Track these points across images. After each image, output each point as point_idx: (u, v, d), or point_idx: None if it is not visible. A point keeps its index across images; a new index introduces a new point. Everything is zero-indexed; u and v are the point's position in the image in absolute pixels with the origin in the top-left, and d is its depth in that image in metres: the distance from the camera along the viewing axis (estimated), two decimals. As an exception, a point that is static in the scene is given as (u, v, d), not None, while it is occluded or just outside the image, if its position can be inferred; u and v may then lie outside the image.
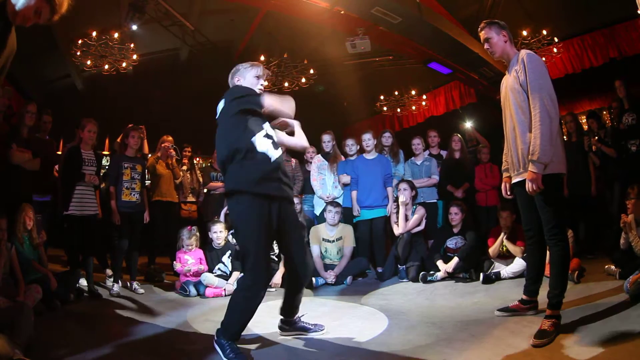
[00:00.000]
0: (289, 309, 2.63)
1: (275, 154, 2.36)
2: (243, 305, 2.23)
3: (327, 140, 5.19)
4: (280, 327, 2.69)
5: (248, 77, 2.54)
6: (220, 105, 2.46)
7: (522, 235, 3.90)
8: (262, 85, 2.56)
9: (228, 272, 4.20)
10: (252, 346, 2.46)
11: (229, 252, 4.26)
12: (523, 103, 2.50)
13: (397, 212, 4.58)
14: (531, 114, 2.43)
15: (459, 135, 5.48)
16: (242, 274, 4.03)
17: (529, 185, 2.41)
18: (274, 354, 2.34)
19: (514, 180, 2.66)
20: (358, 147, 5.16)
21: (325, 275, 4.40)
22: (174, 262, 4.24)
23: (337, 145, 5.28)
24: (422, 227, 4.60)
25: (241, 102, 2.38)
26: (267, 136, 2.39)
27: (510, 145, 2.65)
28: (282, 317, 2.67)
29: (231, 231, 4.57)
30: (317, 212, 5.18)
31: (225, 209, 4.56)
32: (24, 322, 2.28)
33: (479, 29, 2.72)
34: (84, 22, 5.99)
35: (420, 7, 5.24)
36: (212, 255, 4.29)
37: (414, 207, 4.60)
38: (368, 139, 4.90)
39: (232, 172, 2.32)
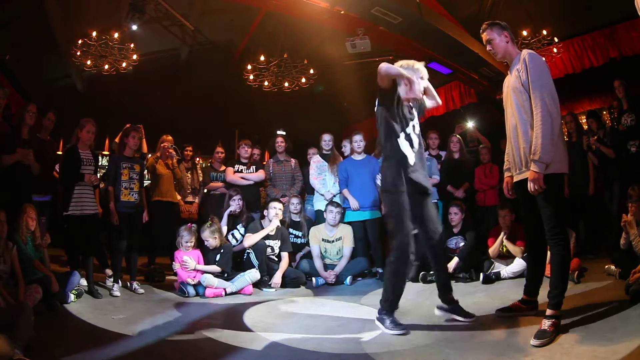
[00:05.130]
0: (443, 289, 2.85)
1: (411, 154, 2.73)
2: (393, 279, 2.67)
3: (328, 140, 5.22)
4: (438, 307, 2.85)
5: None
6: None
7: (522, 235, 3.90)
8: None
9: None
10: (252, 346, 2.46)
11: (222, 250, 4.20)
12: (525, 103, 2.50)
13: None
14: (533, 114, 2.44)
15: (457, 135, 5.48)
16: (241, 275, 4.07)
17: (530, 185, 2.41)
18: (274, 354, 2.34)
19: (516, 180, 2.66)
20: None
21: (325, 275, 4.41)
22: (173, 262, 4.22)
23: (335, 147, 5.31)
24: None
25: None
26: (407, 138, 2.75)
27: (512, 144, 2.65)
28: (440, 297, 2.86)
29: (232, 232, 4.57)
30: (317, 207, 5.17)
31: (228, 210, 4.55)
32: (24, 322, 2.28)
33: (481, 30, 2.73)
34: (84, 22, 5.99)
35: (420, 7, 5.23)
36: (208, 257, 4.22)
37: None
38: (360, 140, 4.88)
39: (382, 174, 2.87)
